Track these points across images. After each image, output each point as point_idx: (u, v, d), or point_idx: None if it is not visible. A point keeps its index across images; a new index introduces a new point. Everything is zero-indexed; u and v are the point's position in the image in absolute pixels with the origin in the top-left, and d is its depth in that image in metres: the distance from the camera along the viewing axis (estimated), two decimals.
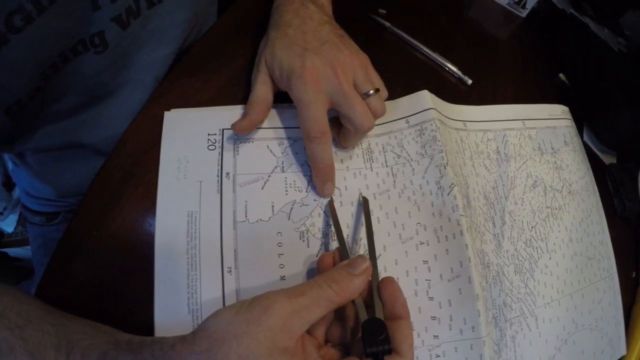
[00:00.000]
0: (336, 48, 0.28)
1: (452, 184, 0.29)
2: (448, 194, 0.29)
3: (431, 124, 0.32)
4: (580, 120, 0.44)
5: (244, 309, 0.20)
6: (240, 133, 0.29)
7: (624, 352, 0.36)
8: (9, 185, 0.74)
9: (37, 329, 0.21)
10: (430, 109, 0.32)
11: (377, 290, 0.23)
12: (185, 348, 0.19)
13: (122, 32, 0.32)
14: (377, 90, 0.28)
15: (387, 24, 0.41)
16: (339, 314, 0.24)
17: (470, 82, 0.40)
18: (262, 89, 0.30)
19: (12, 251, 0.81)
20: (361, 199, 0.30)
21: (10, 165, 0.70)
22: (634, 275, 0.41)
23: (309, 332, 0.23)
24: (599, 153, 0.45)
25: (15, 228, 0.77)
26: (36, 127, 0.35)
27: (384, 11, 0.42)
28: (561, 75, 0.48)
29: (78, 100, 0.35)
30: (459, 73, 0.40)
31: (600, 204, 0.39)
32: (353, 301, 0.22)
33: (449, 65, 0.40)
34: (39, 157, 0.42)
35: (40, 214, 0.49)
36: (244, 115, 0.30)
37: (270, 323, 0.19)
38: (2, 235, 0.78)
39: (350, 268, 0.22)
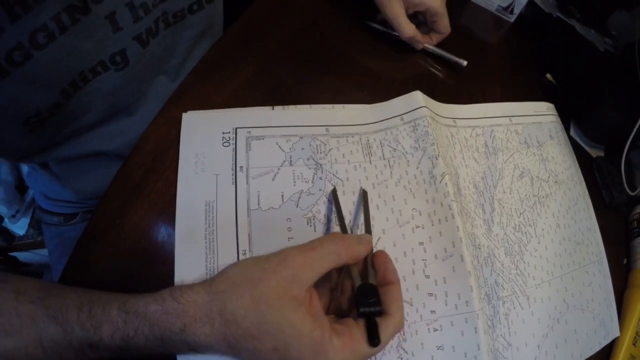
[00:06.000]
0: None
1: (444, 173, 0.32)
2: (440, 182, 0.32)
3: (423, 121, 0.35)
4: (567, 117, 0.47)
5: (261, 259, 0.22)
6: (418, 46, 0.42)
7: (617, 333, 0.37)
8: (22, 188, 0.75)
9: (59, 296, 0.23)
10: (422, 107, 0.35)
11: (371, 261, 0.26)
12: (203, 289, 0.22)
13: (142, 50, 0.35)
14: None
15: (383, 28, 0.44)
16: (336, 286, 0.27)
17: (465, 63, 0.42)
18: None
19: (22, 256, 0.82)
20: (361, 191, 0.32)
21: (25, 168, 0.72)
22: (625, 262, 0.43)
23: None
24: (586, 147, 0.47)
25: (26, 231, 0.78)
26: (56, 142, 0.38)
27: (381, 17, 0.45)
28: (548, 76, 0.50)
29: (98, 116, 0.37)
30: (455, 57, 0.42)
31: (587, 192, 0.41)
32: (349, 271, 0.25)
33: (444, 52, 0.42)
34: (61, 165, 0.44)
35: (58, 214, 0.51)
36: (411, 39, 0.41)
37: (284, 273, 0.21)
38: (14, 238, 0.79)
39: (358, 238, 0.25)
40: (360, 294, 0.23)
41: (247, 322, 0.20)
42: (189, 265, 0.28)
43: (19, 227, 0.78)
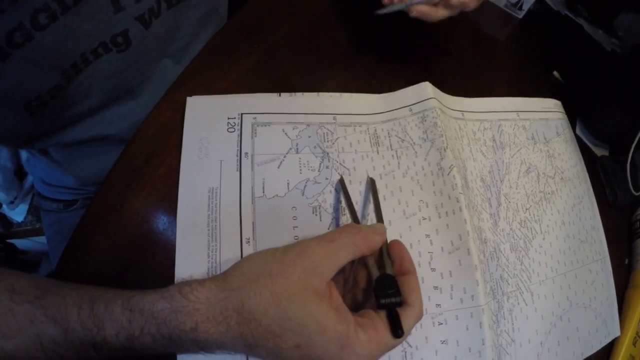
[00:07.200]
0: None
1: (452, 165, 0.32)
2: (448, 174, 0.32)
3: (432, 112, 0.34)
4: (573, 115, 0.47)
5: (279, 252, 0.21)
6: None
7: (618, 333, 0.37)
8: (21, 175, 0.74)
9: (57, 293, 0.21)
10: (431, 98, 0.35)
11: (387, 251, 0.25)
12: (215, 285, 0.21)
13: (145, 31, 0.34)
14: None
15: (394, 9, 0.40)
16: (348, 278, 0.26)
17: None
18: None
19: (20, 243, 0.81)
20: (369, 179, 0.32)
21: (24, 155, 0.71)
22: (626, 262, 0.43)
23: None
24: (591, 146, 0.47)
25: (25, 217, 0.77)
26: (58, 127, 0.37)
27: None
28: (555, 73, 0.50)
29: (100, 99, 0.36)
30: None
31: (591, 191, 0.41)
32: (365, 262, 0.25)
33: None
34: (62, 150, 0.44)
35: (57, 201, 0.50)
36: None
37: (304, 265, 0.21)
38: (12, 225, 0.78)
39: (372, 228, 0.24)
40: (379, 285, 0.23)
41: (268, 320, 0.20)
42: (191, 253, 0.28)
43: (18, 214, 0.77)
